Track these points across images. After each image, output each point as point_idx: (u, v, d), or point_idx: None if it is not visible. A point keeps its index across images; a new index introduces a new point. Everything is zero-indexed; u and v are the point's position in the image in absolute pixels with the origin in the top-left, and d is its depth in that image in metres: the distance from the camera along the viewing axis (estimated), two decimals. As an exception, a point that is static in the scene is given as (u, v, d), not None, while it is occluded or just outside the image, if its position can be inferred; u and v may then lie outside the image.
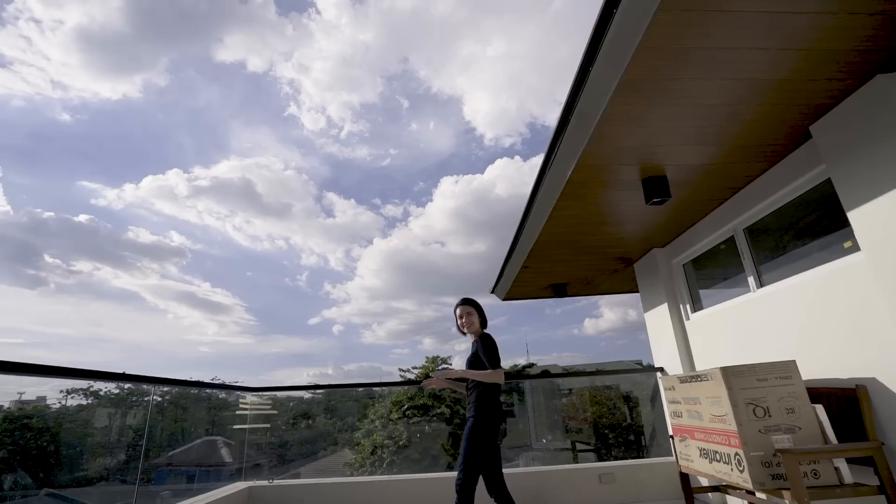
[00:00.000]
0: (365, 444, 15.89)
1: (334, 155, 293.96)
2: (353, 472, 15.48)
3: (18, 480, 14.53)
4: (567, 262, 4.85)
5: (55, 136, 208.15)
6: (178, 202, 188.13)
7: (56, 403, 18.76)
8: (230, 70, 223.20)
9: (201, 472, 16.70)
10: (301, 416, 22.56)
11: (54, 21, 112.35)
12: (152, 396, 4.08)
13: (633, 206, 3.64)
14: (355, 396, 17.99)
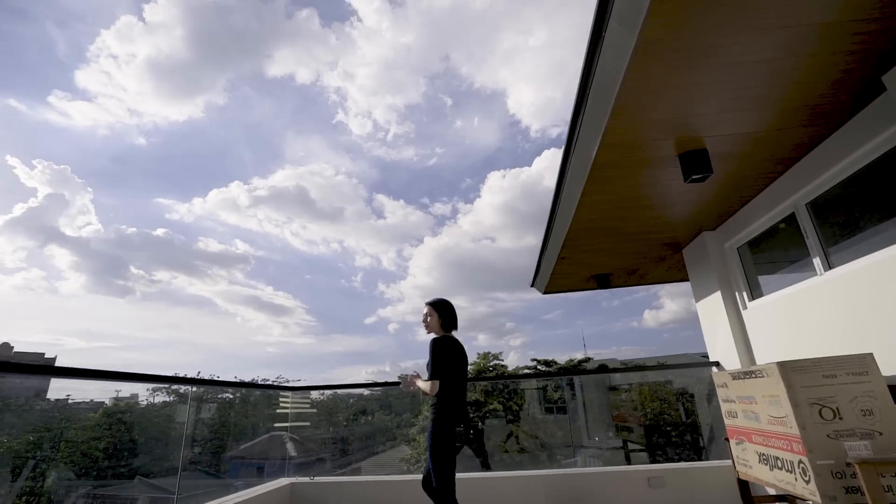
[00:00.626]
0: (420, 440, 16.04)
1: (382, 157, 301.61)
2: (409, 468, 15.67)
3: (116, 468, 16.12)
4: (606, 251, 4.52)
5: (134, 158, 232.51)
6: (240, 212, 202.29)
7: (144, 401, 20.67)
8: (281, 84, 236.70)
9: (269, 465, 17.70)
10: (360, 413, 23.22)
11: (128, 55, 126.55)
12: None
13: (673, 186, 3.29)
14: (411, 392, 18.11)
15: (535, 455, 12.21)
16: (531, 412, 14.57)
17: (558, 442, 12.44)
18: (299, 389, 4.63)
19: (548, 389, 17.49)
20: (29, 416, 13.19)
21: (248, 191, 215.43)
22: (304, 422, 4.71)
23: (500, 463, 13.38)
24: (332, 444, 23.37)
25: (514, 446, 13.33)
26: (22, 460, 10.94)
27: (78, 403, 16.61)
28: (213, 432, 19.42)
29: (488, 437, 14.19)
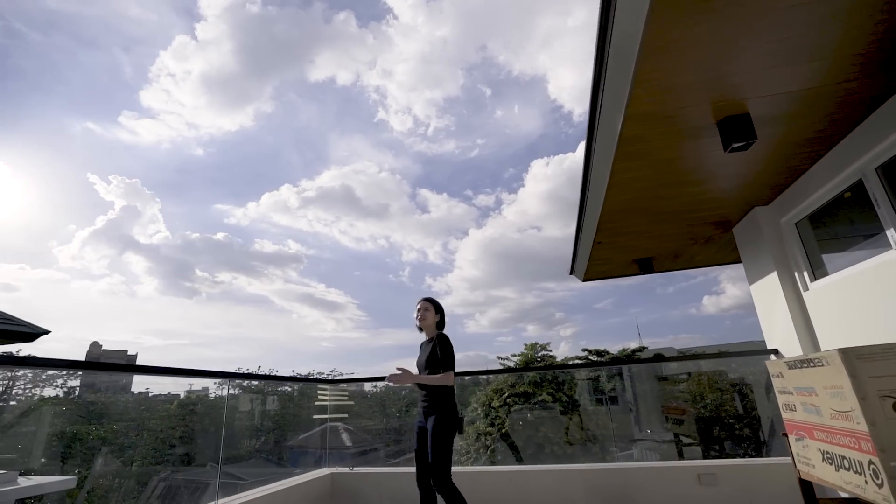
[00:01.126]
0: (469, 431, 16.08)
1: (424, 152, 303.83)
2: (460, 458, 15.73)
3: (191, 454, 17.49)
4: (645, 233, 4.21)
5: (194, 168, 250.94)
6: (291, 213, 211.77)
7: (213, 394, 22.27)
8: (323, 87, 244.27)
9: (326, 454, 18.47)
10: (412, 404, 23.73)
11: (184, 72, 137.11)
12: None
13: (714, 158, 2.97)
14: (461, 384, 18.26)
15: (586, 448, 11.86)
16: (582, 403, 14.16)
17: (610, 434, 12.01)
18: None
19: (600, 380, 16.95)
20: (115, 407, 14.45)
21: (298, 193, 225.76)
22: (342, 413, 4.78)
23: (549, 455, 13.13)
24: (385, 435, 23.95)
25: (562, 438, 13.03)
26: (111, 447, 12.05)
27: (157, 396, 17.99)
28: (275, 423, 20.42)
29: (537, 429, 13.96)
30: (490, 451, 14.33)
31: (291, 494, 3.61)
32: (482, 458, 14.44)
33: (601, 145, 2.86)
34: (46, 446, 10.81)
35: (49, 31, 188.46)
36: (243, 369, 25.59)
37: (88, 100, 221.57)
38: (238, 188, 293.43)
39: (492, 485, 3.81)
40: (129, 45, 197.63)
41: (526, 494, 3.69)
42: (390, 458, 20.45)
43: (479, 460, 14.61)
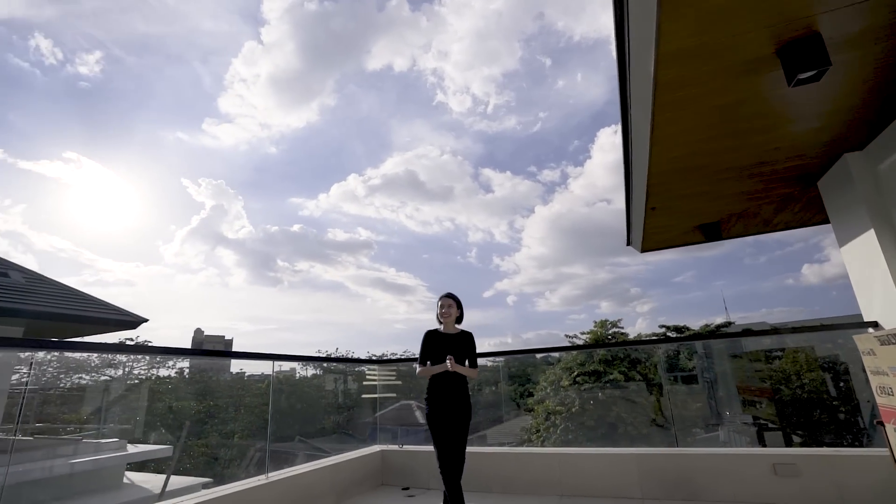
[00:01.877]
0: (538, 410, 15.89)
1: (484, 131, 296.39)
2: (530, 437, 15.65)
3: (280, 430, 19.22)
4: (706, 194, 3.69)
5: (269, 166, 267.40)
6: (359, 202, 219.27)
7: (298, 374, 24.14)
8: (381, 76, 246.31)
9: (402, 430, 19.33)
10: (484, 383, 23.93)
11: (254, 76, 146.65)
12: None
13: (780, 97, 2.47)
14: (532, 363, 18.24)
15: (662, 429, 11.16)
16: (657, 383, 13.31)
17: (688, 415, 11.21)
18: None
19: (679, 357, 15.84)
20: (216, 386, 16.05)
21: (364, 181, 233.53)
22: (390, 393, 4.84)
23: (623, 436, 12.56)
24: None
25: (636, 418, 12.39)
26: (215, 420, 13.48)
27: (251, 376, 19.65)
28: (354, 401, 21.51)
29: (609, 408, 13.40)
30: (560, 430, 14.05)
31: (341, 469, 3.72)
32: (551, 437, 14.21)
33: (637, 95, 2.49)
34: (160, 419, 12.28)
35: (141, 53, 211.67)
36: (323, 352, 27.32)
37: (176, 111, 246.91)
38: (309, 181, 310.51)
39: (538, 467, 3.64)
40: (205, 57, 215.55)
41: (574, 478, 3.48)
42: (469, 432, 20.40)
43: (548, 439, 14.40)
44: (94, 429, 6.96)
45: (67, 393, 9.69)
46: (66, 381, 13.21)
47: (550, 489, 3.52)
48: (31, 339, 7.83)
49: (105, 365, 15.81)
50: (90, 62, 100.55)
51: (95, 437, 6.49)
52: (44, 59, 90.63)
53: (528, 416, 16.24)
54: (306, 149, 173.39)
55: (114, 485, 5.53)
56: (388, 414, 19.41)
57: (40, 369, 11.20)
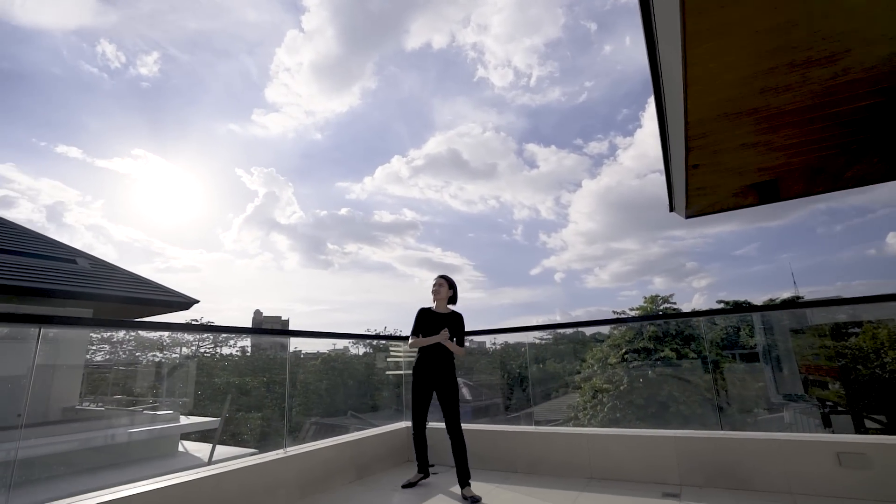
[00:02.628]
0: (586, 388, 15.50)
1: (527, 105, 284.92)
2: (577, 414, 15.36)
3: (333, 405, 20.16)
4: (757, 145, 3.16)
5: (315, 152, 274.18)
6: (403, 183, 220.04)
7: (349, 352, 25.21)
8: (421, 54, 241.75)
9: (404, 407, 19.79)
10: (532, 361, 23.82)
11: (297, 64, 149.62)
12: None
13: (850, 10, 1.99)
14: (580, 340, 17.86)
15: (721, 411, 10.50)
16: (713, 360, 12.47)
17: (752, 395, 10.43)
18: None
19: (740, 334, 14.78)
20: (273, 363, 16.97)
21: (407, 163, 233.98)
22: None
23: (674, 415, 11.93)
24: (507, 390, 24.33)
25: (689, 397, 11.72)
26: (272, 395, 14.29)
27: (307, 354, 20.60)
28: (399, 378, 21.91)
29: (659, 387, 12.77)
30: (607, 409, 13.61)
31: (364, 444, 3.68)
32: (598, 415, 13.81)
33: (663, 22, 2.10)
34: (219, 394, 13.05)
35: (193, 50, 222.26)
36: (372, 330, 28.17)
37: (227, 104, 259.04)
38: (354, 165, 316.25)
39: (566, 447, 3.41)
40: (251, 49, 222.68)
41: (604, 460, 3.22)
42: (511, 412, 20.70)
43: (595, 417, 14.01)
44: (157, 402, 7.49)
45: (141, 369, 10.52)
46: (142, 358, 14.44)
47: (578, 471, 3.29)
48: (108, 319, 8.54)
49: (175, 343, 17.11)
50: (149, 63, 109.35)
51: (157, 408, 6.97)
52: (109, 64, 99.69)
53: (576, 393, 15.90)
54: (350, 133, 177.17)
55: (170, 452, 5.90)
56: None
57: (121, 347, 12.24)
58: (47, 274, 7.02)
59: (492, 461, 3.70)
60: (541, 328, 4.19)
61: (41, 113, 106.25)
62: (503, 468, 3.61)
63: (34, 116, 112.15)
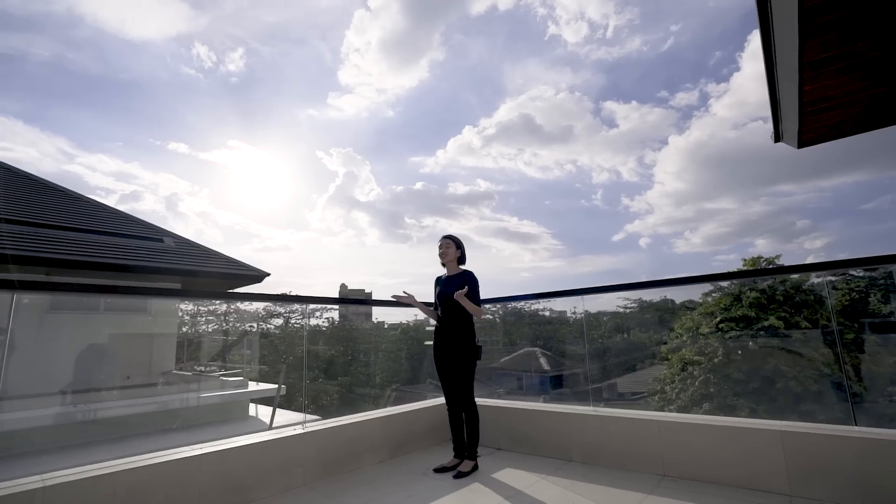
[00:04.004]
0: (673, 360, 14.08)
1: (604, 59, 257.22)
2: (663, 387, 14.07)
3: (413, 372, 20.76)
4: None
5: (388, 129, 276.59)
6: (476, 154, 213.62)
7: (430, 321, 26.05)
8: (487, 18, 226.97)
9: (526, 377, 19.11)
10: (615, 330, 22.31)
11: (365, 44, 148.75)
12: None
13: None
14: (668, 308, 16.41)
15: (847, 394, 8.74)
16: (835, 330, 10.47)
17: (881, 374, 8.58)
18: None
19: (870, 300, 12.29)
20: (359, 333, 17.68)
21: (479, 132, 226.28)
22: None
23: (782, 392, 10.26)
24: (589, 360, 23.28)
25: (800, 373, 9.98)
26: (359, 363, 14.92)
27: (391, 324, 21.18)
28: (479, 345, 21.75)
29: (763, 360, 11.07)
30: (699, 382, 12.20)
31: (397, 421, 3.32)
32: (689, 388, 12.45)
33: None
34: (299, 361, 13.64)
35: (272, 42, 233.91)
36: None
37: (305, 90, 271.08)
38: (426, 139, 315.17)
39: (632, 434, 2.74)
40: (324, 34, 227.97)
41: (682, 455, 2.51)
42: (592, 383, 19.53)
43: (684, 391, 12.65)
44: (237, 369, 7.94)
45: (230, 339, 11.35)
46: (237, 328, 15.65)
47: (647, 466, 2.62)
48: (201, 291, 9.26)
49: (269, 315, 18.45)
50: (236, 59, 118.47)
51: (236, 374, 7.37)
52: (203, 64, 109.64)
53: (663, 365, 14.54)
54: (420, 107, 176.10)
55: (240, 416, 6.15)
56: (511, 360, 19.25)
57: (224, 319, 13.30)
58: (139, 252, 7.59)
59: (541, 446, 3.15)
60: (594, 291, 3.47)
61: (154, 114, 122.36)
62: (553, 455, 3.04)
63: (149, 118, 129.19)
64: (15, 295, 2.07)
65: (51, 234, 6.96)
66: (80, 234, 7.43)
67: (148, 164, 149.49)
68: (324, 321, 20.00)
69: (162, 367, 7.87)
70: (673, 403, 13.20)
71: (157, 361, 7.86)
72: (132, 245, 7.82)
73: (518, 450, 3.27)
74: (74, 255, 6.49)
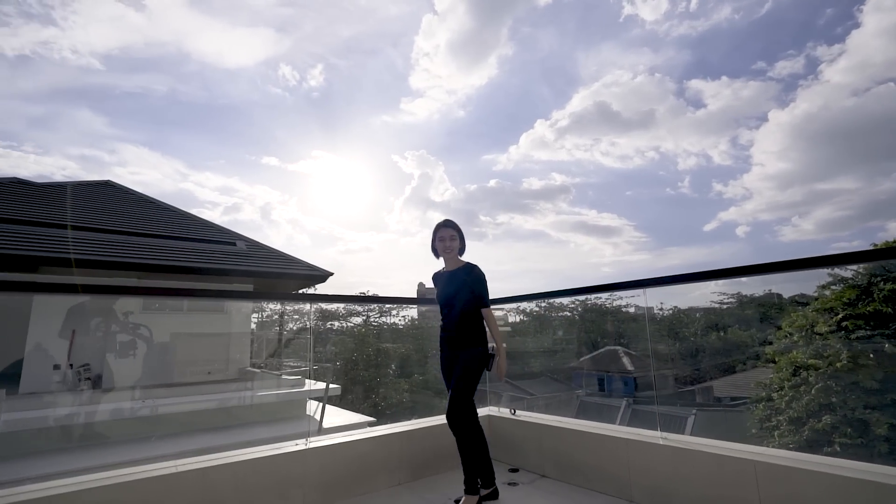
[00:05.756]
0: (782, 363, 11.98)
1: (688, 34, 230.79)
2: (769, 394, 12.06)
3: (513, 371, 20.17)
4: None
5: (459, 129, 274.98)
6: (549, 147, 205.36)
7: (509, 318, 25.19)
8: (556, 7, 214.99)
9: (608, 377, 17.61)
10: (709, 328, 19.84)
11: (434, 48, 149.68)
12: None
13: None
14: (773, 303, 14.32)
15: None
16: None
17: None
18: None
19: None
20: (435, 331, 17.64)
21: (551, 125, 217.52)
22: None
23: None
24: (679, 360, 20.90)
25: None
26: (434, 360, 14.78)
27: None
28: (555, 344, 20.74)
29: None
30: (816, 390, 10.17)
31: (418, 437, 2.81)
32: (802, 397, 10.44)
33: None
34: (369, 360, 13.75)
35: (348, 55, 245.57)
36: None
37: (379, 98, 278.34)
38: (497, 136, 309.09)
39: (713, 474, 1.95)
40: (395, 41, 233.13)
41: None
42: (685, 385, 17.56)
43: (797, 400, 10.65)
44: (298, 367, 8.04)
45: (299, 338, 11.73)
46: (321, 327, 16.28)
47: (741, 524, 1.83)
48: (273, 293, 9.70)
49: (349, 314, 19.04)
50: (316, 75, 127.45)
51: (296, 372, 7.43)
52: (288, 83, 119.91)
53: (769, 368, 12.47)
54: (491, 105, 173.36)
55: (297, 415, 6.09)
56: (590, 360, 17.87)
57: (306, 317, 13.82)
58: (213, 255, 7.98)
59: (594, 478, 2.46)
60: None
61: (248, 133, 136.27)
62: (609, 491, 2.34)
63: (245, 137, 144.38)
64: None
65: (141, 242, 7.53)
66: (165, 240, 7.99)
67: (246, 178, 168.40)
68: (399, 319, 20.12)
69: (239, 363, 8.22)
70: (783, 414, 11.19)
71: (234, 358, 8.21)
72: (208, 249, 8.25)
73: (566, 479, 2.61)
74: (160, 259, 6.93)
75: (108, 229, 7.50)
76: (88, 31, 76.23)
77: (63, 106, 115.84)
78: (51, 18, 67.70)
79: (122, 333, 6.75)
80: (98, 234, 7.22)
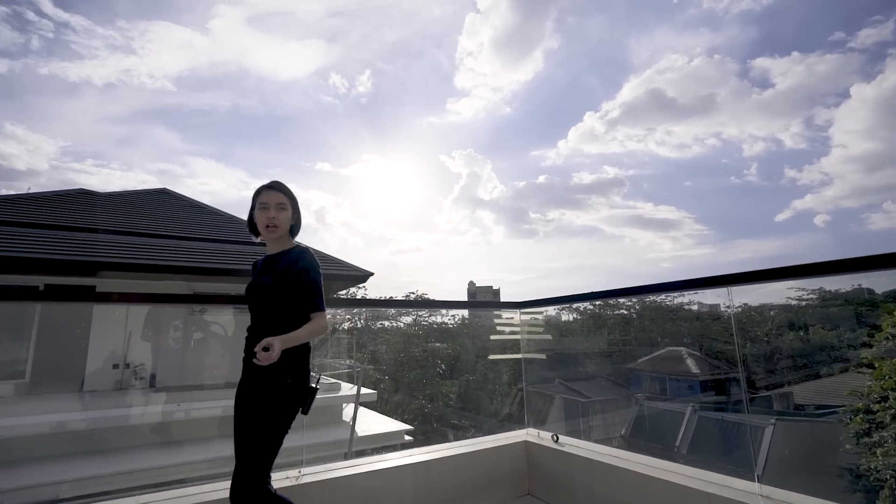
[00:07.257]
0: (883, 368, 10.23)
1: (751, 9, 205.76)
2: (869, 405, 10.32)
3: (541, 372, 19.33)
4: None
5: (506, 126, 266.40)
6: (599, 140, 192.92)
7: (562, 318, 24.63)
8: None
9: (670, 380, 16.13)
10: (785, 326, 17.68)
11: (478, 46, 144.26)
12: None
13: None
14: (863, 299, 12.39)
15: None
16: None
17: None
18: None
19: None
20: (485, 331, 17.21)
21: (601, 117, 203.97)
22: (539, 354, 3.05)
23: None
24: (751, 362, 18.91)
25: None
26: (484, 361, 14.27)
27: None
28: (610, 345, 19.42)
29: None
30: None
31: (436, 468, 2.32)
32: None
33: None
34: (411, 363, 13.43)
35: (394, 59, 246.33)
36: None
37: (425, 100, 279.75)
38: (545, 131, 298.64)
39: None
40: (439, 42, 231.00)
41: None
42: (762, 389, 15.80)
43: (892, 426, 8.99)
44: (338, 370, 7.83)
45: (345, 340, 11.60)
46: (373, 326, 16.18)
47: None
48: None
49: (399, 314, 18.95)
50: (364, 81, 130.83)
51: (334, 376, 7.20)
52: (338, 91, 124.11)
53: (865, 374, 10.71)
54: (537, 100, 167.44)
55: (333, 421, 5.82)
56: (651, 361, 16.41)
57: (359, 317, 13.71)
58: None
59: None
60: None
61: (303, 140, 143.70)
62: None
63: (299, 144, 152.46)
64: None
65: (191, 246, 7.66)
66: (214, 244, 8.10)
67: (301, 183, 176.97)
68: (449, 318, 19.67)
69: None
70: (886, 429, 9.50)
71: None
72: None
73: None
74: (208, 263, 7.00)
75: (161, 234, 7.70)
76: (161, 56, 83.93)
77: (143, 126, 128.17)
78: (131, 48, 75.00)
79: (198, 332, 6.89)
80: (151, 238, 7.42)
